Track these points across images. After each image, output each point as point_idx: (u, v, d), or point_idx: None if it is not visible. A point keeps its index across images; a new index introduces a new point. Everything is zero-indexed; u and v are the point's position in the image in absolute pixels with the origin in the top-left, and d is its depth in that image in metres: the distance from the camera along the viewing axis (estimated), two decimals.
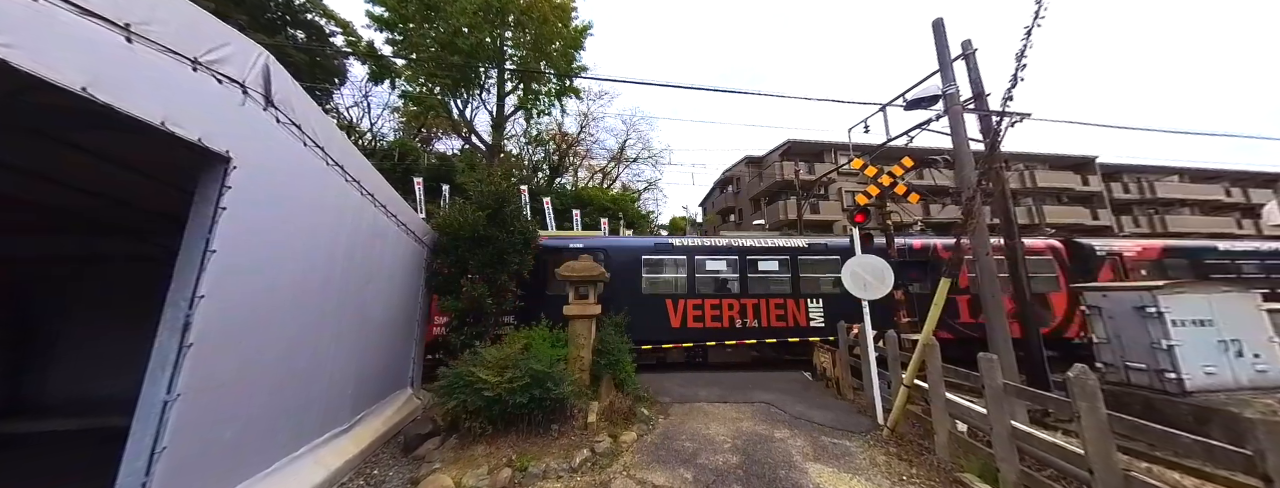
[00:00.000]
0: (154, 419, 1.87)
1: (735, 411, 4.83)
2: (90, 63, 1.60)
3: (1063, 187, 24.16)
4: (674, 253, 7.55)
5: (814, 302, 7.42)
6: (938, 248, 8.00)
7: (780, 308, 7.35)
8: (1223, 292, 4.89)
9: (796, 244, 7.87)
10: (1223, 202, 25.58)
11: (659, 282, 7.39)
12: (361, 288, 3.77)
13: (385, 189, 4.30)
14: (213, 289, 2.08)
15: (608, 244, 7.79)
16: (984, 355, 3.16)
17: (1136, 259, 8.15)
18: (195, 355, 1.99)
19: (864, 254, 4.81)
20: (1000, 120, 4.75)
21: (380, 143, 19.18)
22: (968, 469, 3.23)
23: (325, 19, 17.04)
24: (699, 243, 7.85)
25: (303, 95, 2.82)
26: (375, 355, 4.15)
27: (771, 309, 7.33)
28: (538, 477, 3.18)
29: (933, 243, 8.12)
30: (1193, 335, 4.63)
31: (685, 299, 7.22)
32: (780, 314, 7.32)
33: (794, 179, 18.80)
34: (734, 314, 7.23)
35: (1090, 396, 2.31)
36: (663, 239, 8.30)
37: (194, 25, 2.06)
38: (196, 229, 2.10)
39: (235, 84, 2.26)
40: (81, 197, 3.60)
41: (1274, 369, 4.63)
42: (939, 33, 5.64)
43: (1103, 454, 2.25)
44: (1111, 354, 5.21)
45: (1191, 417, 4.23)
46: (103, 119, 1.67)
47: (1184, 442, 1.99)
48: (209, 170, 2.17)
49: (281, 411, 2.72)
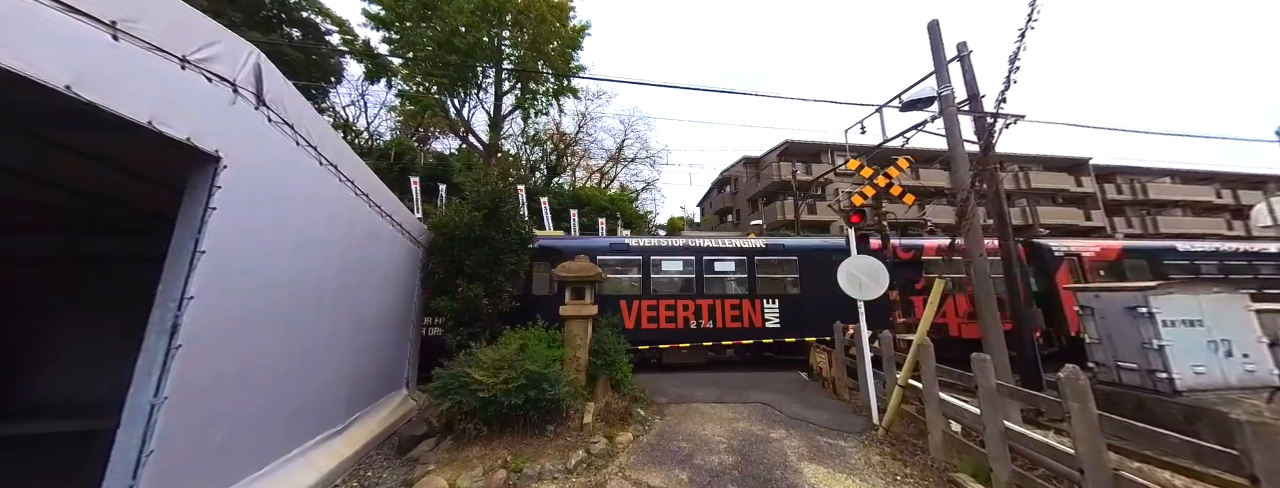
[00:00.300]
0: (141, 422, 1.85)
1: (731, 411, 4.84)
2: (74, 60, 1.57)
3: (1057, 188, 24.36)
4: (630, 253, 7.47)
5: (770, 303, 7.40)
6: (926, 248, 8.02)
7: (736, 309, 7.31)
8: (1213, 292, 4.95)
9: (754, 245, 7.82)
10: (1213, 203, 25.90)
11: (614, 282, 7.23)
12: (356, 289, 3.74)
13: (380, 189, 4.27)
14: (203, 290, 2.06)
15: (562, 244, 7.71)
16: (977, 356, 3.18)
17: (1094, 260, 8.13)
18: (184, 357, 1.97)
19: (860, 255, 4.83)
20: (994, 122, 4.79)
21: (377, 142, 19.07)
22: (961, 469, 3.25)
23: (321, 17, 16.93)
24: (655, 243, 7.82)
25: (295, 94, 2.79)
26: (370, 357, 4.12)
27: (727, 310, 7.28)
28: (533, 478, 3.17)
29: (921, 243, 8.12)
30: (1183, 336, 4.68)
31: (640, 300, 7.13)
32: (736, 315, 7.28)
33: (791, 179, 18.86)
34: (689, 315, 7.18)
35: (1081, 396, 2.33)
36: (619, 239, 8.22)
37: (183, 23, 2.04)
38: (186, 230, 2.08)
39: (225, 83, 2.24)
40: (75, 197, 3.55)
41: (1262, 369, 4.69)
42: (934, 35, 5.67)
43: (1093, 454, 2.27)
44: (1104, 354, 5.26)
45: (1182, 416, 4.27)
46: (89, 118, 1.65)
47: (1172, 442, 2.01)
48: (199, 170, 2.15)
49: (273, 413, 2.70)
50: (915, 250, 7.96)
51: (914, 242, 8.14)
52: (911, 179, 21.35)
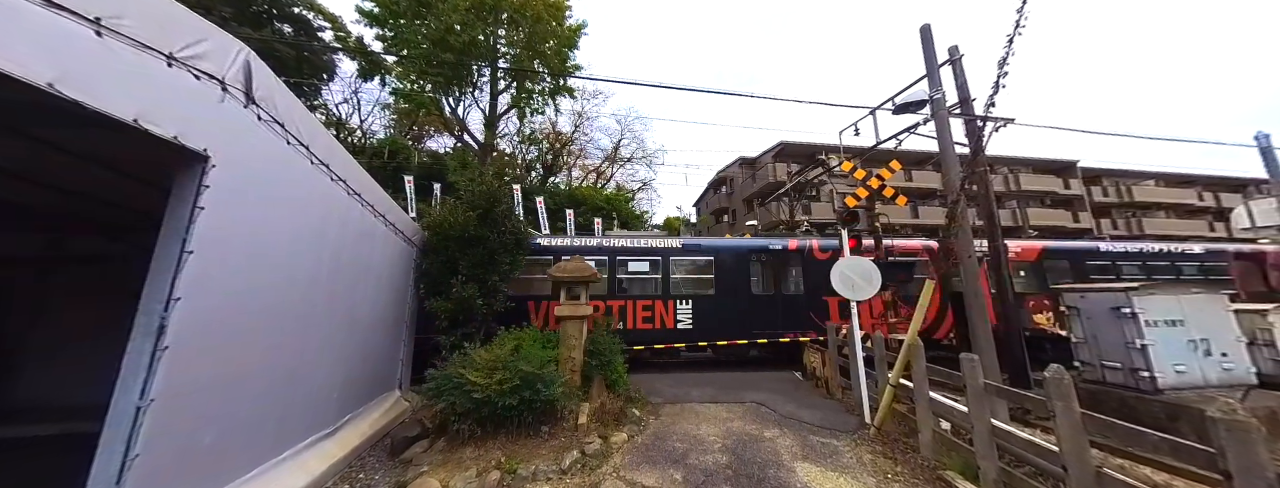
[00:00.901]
0: (127, 425, 1.82)
1: (726, 411, 4.87)
2: (57, 57, 1.54)
3: (1046, 190, 24.80)
4: (541, 253, 7.32)
5: (683, 303, 7.32)
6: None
7: (648, 309, 7.21)
8: (1193, 293, 5.08)
9: (670, 245, 7.76)
10: (1196, 205, 26.53)
11: (523, 282, 6.95)
12: (349, 289, 3.70)
13: (373, 188, 4.23)
14: (190, 291, 2.03)
15: None
16: (966, 356, 3.23)
17: (1015, 261, 8.12)
18: (171, 359, 1.94)
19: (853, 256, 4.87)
20: (985, 125, 4.87)
21: (370, 140, 18.85)
22: (950, 467, 3.30)
23: (313, 13, 16.68)
24: (568, 243, 7.69)
25: (286, 92, 2.76)
26: (362, 357, 4.08)
27: (639, 311, 7.17)
28: (527, 479, 3.16)
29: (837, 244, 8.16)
30: (1164, 335, 4.80)
31: (549, 302, 6.80)
32: (647, 317, 7.17)
33: (786, 180, 18.99)
34: (598, 316, 6.99)
35: (1065, 394, 2.38)
36: (531, 239, 8.05)
37: (169, 19, 2.00)
38: (173, 229, 2.05)
39: (214, 80, 2.20)
40: (63, 196, 3.47)
41: (1239, 368, 4.83)
42: (926, 39, 5.74)
43: (1076, 451, 2.32)
44: (1088, 353, 5.37)
45: (1163, 414, 4.38)
46: (73, 117, 1.62)
47: (1151, 439, 2.06)
48: (186, 169, 2.12)
49: (263, 415, 2.66)
50: (832, 251, 7.91)
51: (830, 242, 8.09)
52: (904, 181, 21.60)
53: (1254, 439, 1.73)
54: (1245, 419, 1.76)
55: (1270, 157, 7.99)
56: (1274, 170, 7.99)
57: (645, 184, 27.22)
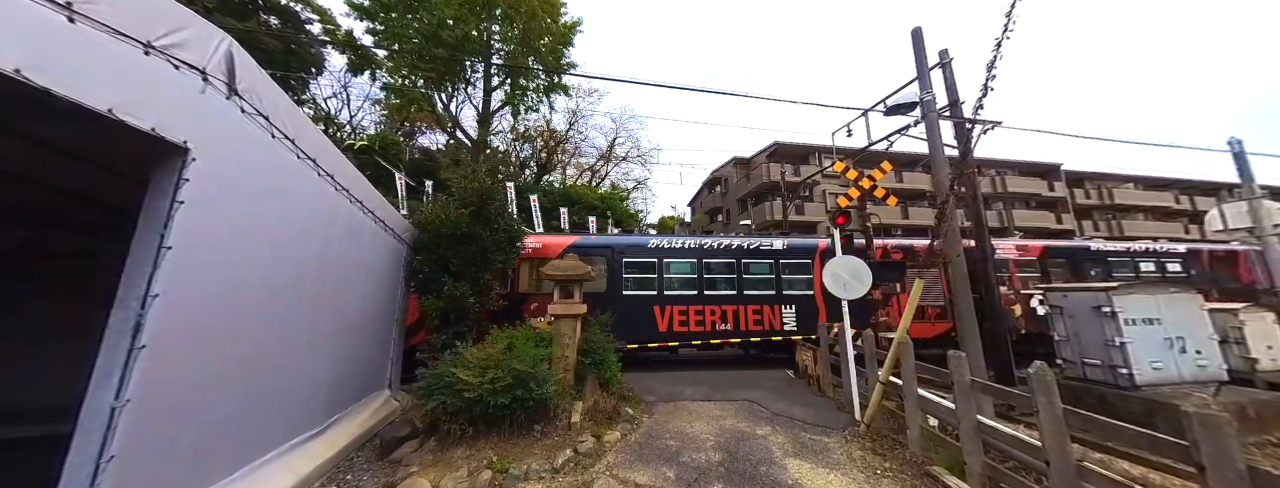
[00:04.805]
0: (100, 427, 1.75)
1: (719, 409, 4.89)
2: (26, 43, 1.47)
3: (1031, 192, 25.41)
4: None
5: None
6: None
7: (758, 313, 7.43)
8: (1169, 292, 5.24)
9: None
10: (1172, 208, 27.43)
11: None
12: (336, 287, 3.63)
13: (362, 185, 4.15)
14: (168, 288, 1.96)
15: None
16: (953, 353, 3.29)
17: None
18: (148, 358, 1.87)
19: (845, 255, 4.93)
20: (973, 127, 4.95)
21: (360, 135, 18.51)
22: (938, 462, 3.36)
23: (301, 5, 16.30)
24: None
25: (271, 85, 2.68)
26: (351, 356, 4.00)
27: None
28: (519, 478, 3.14)
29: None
30: (1142, 333, 4.95)
31: None
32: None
33: (780, 180, 19.13)
34: None
35: (1047, 390, 2.44)
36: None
37: (147, 6, 1.93)
38: (150, 224, 1.98)
39: (194, 70, 2.13)
40: (44, 192, 3.33)
41: (1212, 365, 5.00)
42: (917, 42, 5.82)
43: (1058, 446, 2.38)
44: (1070, 351, 5.51)
45: (1141, 410, 4.52)
46: (44, 107, 1.55)
47: (1129, 434, 2.12)
48: (165, 162, 2.04)
49: (247, 415, 2.60)
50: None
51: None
52: (895, 182, 21.93)
53: (1226, 433, 1.79)
54: (1218, 414, 1.82)
55: (1243, 162, 8.30)
56: (1246, 175, 8.30)
57: (640, 183, 27.23)
